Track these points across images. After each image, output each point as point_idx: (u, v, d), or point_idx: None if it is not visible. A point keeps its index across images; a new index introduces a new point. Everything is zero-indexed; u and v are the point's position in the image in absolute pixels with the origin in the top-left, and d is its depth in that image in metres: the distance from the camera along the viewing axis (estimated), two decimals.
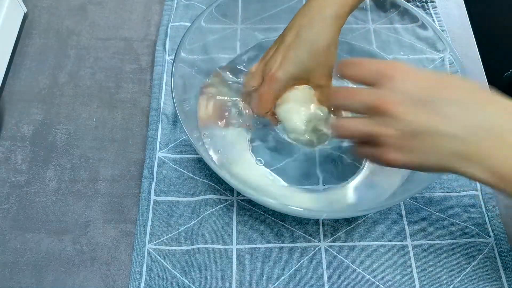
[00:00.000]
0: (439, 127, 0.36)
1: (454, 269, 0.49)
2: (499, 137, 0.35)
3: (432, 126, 0.36)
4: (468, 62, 0.65)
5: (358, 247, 0.50)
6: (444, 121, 0.36)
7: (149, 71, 0.64)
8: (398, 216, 0.52)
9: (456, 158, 0.36)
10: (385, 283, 0.48)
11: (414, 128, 0.36)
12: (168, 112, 0.59)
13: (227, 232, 0.51)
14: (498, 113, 0.36)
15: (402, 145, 0.37)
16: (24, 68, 0.64)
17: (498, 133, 0.35)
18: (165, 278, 0.48)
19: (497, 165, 0.35)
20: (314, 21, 0.48)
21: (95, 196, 0.54)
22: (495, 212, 0.52)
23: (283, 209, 0.48)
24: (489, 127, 0.35)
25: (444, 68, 0.57)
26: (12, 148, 0.57)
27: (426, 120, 0.36)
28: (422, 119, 0.36)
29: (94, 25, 0.69)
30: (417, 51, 0.61)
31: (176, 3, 0.70)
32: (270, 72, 0.49)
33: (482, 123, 0.35)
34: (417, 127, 0.36)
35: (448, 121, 0.35)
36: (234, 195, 0.53)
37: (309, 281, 0.48)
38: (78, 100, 0.61)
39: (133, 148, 0.57)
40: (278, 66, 0.49)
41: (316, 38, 0.48)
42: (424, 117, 0.36)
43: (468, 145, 0.35)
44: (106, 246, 0.51)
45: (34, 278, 0.49)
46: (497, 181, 0.35)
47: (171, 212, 0.52)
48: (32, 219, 0.52)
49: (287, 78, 0.49)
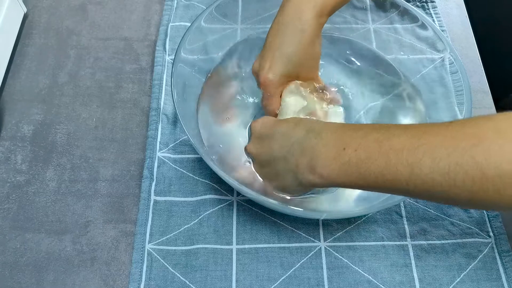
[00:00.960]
0: (272, 154, 0.45)
1: (454, 269, 0.49)
2: (304, 148, 0.42)
3: (267, 156, 0.46)
4: (468, 62, 0.65)
5: (358, 247, 0.50)
6: (271, 150, 0.45)
7: (149, 71, 0.64)
8: (398, 216, 0.52)
9: (292, 174, 0.43)
10: (385, 283, 0.48)
11: (262, 160, 0.47)
12: (168, 112, 0.59)
13: (227, 232, 0.51)
14: (300, 131, 0.43)
15: (263, 176, 0.49)
16: (24, 68, 0.64)
17: (303, 145, 0.42)
18: (165, 278, 0.48)
19: (319, 169, 0.40)
20: (295, 21, 0.48)
21: (95, 196, 0.54)
22: (495, 212, 0.52)
23: (283, 209, 0.48)
24: (298, 142, 0.42)
25: (444, 68, 0.57)
26: (12, 148, 0.57)
27: (264, 152, 0.46)
28: (263, 152, 0.46)
29: (94, 25, 0.69)
30: (417, 51, 0.61)
31: (176, 3, 0.70)
32: (262, 77, 0.49)
33: (293, 142, 0.43)
34: (262, 160, 0.47)
35: (273, 149, 0.45)
36: (234, 195, 0.53)
37: (309, 281, 0.48)
38: (78, 100, 0.61)
39: (133, 148, 0.57)
40: (268, 69, 0.49)
41: (299, 35, 0.48)
42: (262, 150, 0.46)
43: (290, 161, 0.43)
44: (106, 246, 0.51)
45: (34, 278, 0.49)
46: (324, 182, 0.40)
47: (171, 212, 0.52)
48: (32, 219, 0.52)
49: (279, 77, 0.49)
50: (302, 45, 0.48)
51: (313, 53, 0.50)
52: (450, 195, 0.34)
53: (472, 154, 0.32)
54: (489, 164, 0.32)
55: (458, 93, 0.53)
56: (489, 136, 0.32)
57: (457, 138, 0.33)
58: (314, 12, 0.47)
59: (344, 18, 0.65)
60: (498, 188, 0.32)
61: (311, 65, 0.51)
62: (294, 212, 0.48)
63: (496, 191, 0.32)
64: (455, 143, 0.33)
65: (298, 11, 0.48)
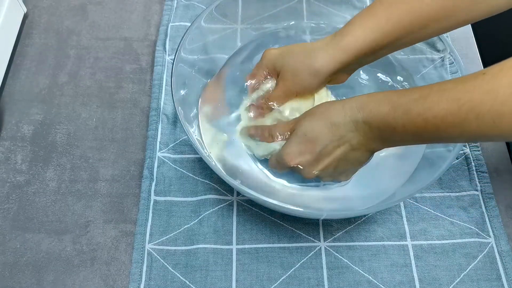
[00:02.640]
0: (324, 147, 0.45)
1: (454, 269, 0.49)
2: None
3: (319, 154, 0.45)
4: (468, 62, 0.65)
5: (358, 247, 0.50)
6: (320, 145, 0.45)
7: (149, 71, 0.64)
8: (398, 216, 0.52)
9: (363, 148, 0.44)
10: (385, 283, 0.48)
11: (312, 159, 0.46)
12: (168, 112, 0.59)
13: (227, 232, 0.51)
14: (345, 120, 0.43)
15: (323, 175, 0.48)
16: (24, 68, 0.64)
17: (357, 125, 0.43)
18: (165, 278, 0.48)
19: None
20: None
21: (95, 196, 0.54)
22: (495, 212, 0.52)
23: (283, 209, 0.48)
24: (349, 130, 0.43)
25: (444, 68, 0.57)
26: (12, 148, 0.57)
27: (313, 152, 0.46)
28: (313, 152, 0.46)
29: (94, 25, 0.69)
30: (417, 51, 0.61)
31: (176, 3, 0.70)
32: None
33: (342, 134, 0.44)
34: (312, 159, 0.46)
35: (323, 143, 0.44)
36: (234, 195, 0.53)
37: (309, 281, 0.48)
38: (78, 100, 0.61)
39: (133, 148, 0.57)
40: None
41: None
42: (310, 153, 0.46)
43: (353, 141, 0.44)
44: (106, 246, 0.51)
45: (34, 278, 0.49)
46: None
47: (171, 212, 0.52)
48: (32, 219, 0.52)
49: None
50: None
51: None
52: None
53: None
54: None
55: None
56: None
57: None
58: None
59: (344, 18, 0.65)
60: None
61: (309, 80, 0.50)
62: (294, 212, 0.48)
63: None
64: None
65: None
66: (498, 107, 0.34)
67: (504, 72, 0.34)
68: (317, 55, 0.47)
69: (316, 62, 0.47)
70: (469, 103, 0.35)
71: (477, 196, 0.53)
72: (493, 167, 0.56)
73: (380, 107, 0.40)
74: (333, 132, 0.43)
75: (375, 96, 0.42)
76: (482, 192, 0.54)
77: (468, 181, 0.54)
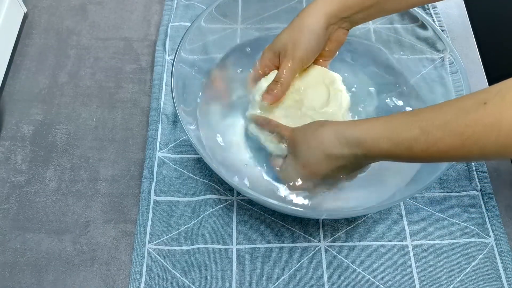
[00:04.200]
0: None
1: (454, 269, 0.49)
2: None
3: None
4: (468, 62, 0.65)
5: (358, 247, 0.50)
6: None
7: (149, 71, 0.64)
8: (398, 216, 0.52)
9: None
10: (385, 283, 0.48)
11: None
12: (168, 112, 0.59)
13: (227, 232, 0.51)
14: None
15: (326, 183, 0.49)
16: (24, 68, 0.64)
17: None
18: (165, 278, 0.48)
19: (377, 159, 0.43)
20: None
21: (95, 196, 0.54)
22: (495, 212, 0.52)
23: (283, 209, 0.48)
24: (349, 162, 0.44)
25: (444, 68, 0.57)
26: (12, 148, 0.57)
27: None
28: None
29: (94, 25, 0.69)
30: (417, 51, 0.61)
31: (176, 3, 0.70)
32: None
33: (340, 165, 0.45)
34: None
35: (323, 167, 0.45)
36: (234, 195, 0.53)
37: (309, 281, 0.48)
38: (78, 100, 0.61)
39: (133, 148, 0.57)
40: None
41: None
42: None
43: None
44: (106, 246, 0.51)
45: (34, 278, 0.49)
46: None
47: (171, 212, 0.52)
48: (32, 219, 0.52)
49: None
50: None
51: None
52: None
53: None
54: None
55: (458, 93, 0.53)
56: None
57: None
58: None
59: None
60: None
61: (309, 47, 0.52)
62: (294, 212, 0.48)
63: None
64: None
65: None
66: (502, 139, 0.34)
67: (506, 103, 0.34)
68: (308, 14, 0.50)
69: (307, 21, 0.50)
70: (473, 137, 0.35)
71: (477, 196, 0.53)
72: (493, 167, 0.56)
73: (380, 144, 0.40)
74: (333, 163, 0.44)
75: (370, 130, 0.42)
76: (482, 192, 0.54)
77: (468, 181, 0.54)
